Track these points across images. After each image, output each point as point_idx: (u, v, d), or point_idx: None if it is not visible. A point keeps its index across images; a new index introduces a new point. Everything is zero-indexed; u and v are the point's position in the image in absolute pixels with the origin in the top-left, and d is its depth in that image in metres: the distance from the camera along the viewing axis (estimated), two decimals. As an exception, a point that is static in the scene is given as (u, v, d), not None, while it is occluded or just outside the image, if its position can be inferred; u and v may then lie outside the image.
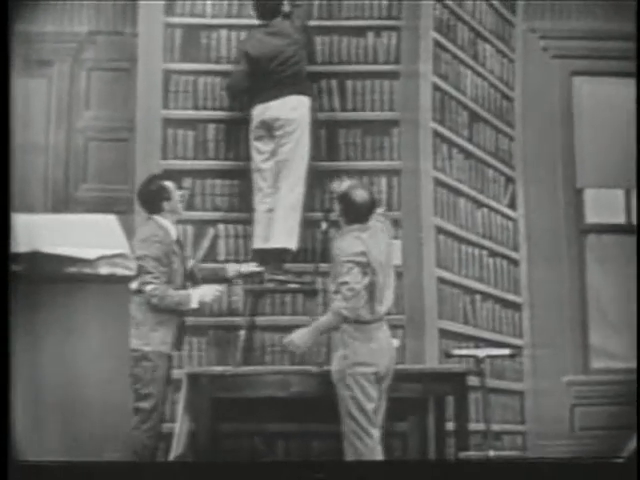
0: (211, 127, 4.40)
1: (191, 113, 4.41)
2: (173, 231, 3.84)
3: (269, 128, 4.10)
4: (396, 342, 3.63)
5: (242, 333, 4.12)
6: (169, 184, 3.87)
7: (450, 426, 3.77)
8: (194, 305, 3.70)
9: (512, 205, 4.92)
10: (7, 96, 2.80)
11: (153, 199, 3.82)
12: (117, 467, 2.49)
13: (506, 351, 3.79)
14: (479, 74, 4.82)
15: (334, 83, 4.45)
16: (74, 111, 4.68)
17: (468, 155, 4.71)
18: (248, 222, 4.27)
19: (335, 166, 4.39)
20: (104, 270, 2.73)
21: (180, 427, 3.53)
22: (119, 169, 4.49)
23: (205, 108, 4.41)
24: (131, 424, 2.99)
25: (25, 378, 2.62)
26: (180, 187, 3.95)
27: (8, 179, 2.75)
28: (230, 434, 3.92)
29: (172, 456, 3.35)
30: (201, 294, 3.72)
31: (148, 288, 3.58)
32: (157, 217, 3.81)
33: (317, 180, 4.31)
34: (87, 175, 4.58)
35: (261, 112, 4.11)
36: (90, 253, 2.72)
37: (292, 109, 4.09)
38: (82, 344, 2.67)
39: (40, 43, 4.54)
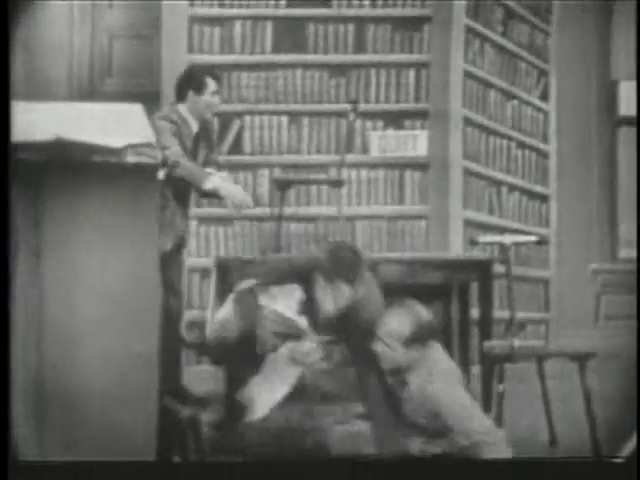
0: (237, 23, 4.35)
1: (217, 11, 4.35)
2: (194, 125, 3.60)
3: None
4: None
5: (268, 224, 4.15)
6: (207, 78, 3.57)
7: (474, 314, 3.80)
8: (207, 185, 3.37)
9: (544, 97, 4.84)
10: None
11: (181, 85, 3.59)
12: (117, 467, 2.48)
13: (533, 238, 3.73)
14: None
15: (364, -19, 4.35)
16: (97, 10, 4.64)
17: (501, 49, 4.64)
18: (274, 113, 4.30)
19: (362, 60, 4.34)
20: (131, 159, 2.71)
21: (211, 313, 3.57)
22: (144, 64, 4.47)
23: (232, 6, 4.34)
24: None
25: (56, 263, 2.65)
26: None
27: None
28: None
29: (208, 334, 3.35)
30: (221, 184, 3.38)
31: (166, 152, 3.35)
32: (180, 105, 3.60)
33: (344, 72, 4.29)
34: (112, 70, 4.57)
35: None
36: (116, 142, 2.69)
37: None
38: (108, 235, 2.68)
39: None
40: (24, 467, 2.40)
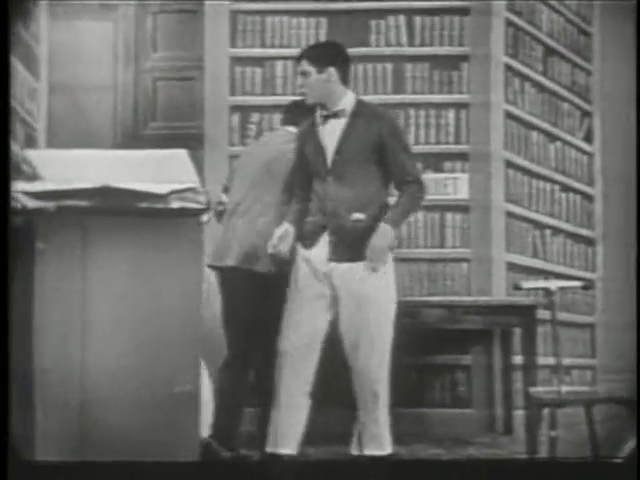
0: (279, 64, 4.40)
1: (259, 51, 4.40)
2: None
3: None
4: None
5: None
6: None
7: (517, 360, 3.75)
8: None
9: (588, 139, 4.81)
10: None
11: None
12: (118, 467, 2.46)
13: (578, 283, 3.69)
14: (555, 10, 4.68)
15: (402, 19, 4.38)
16: (141, 53, 4.73)
17: (542, 89, 4.63)
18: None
19: (401, 99, 4.35)
20: (175, 204, 2.74)
21: None
22: (187, 107, 4.54)
23: (273, 46, 4.40)
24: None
25: (100, 308, 2.68)
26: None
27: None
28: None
29: None
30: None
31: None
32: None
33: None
34: (156, 114, 4.64)
35: None
36: (161, 188, 2.73)
37: None
38: (153, 277, 2.70)
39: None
40: (25, 467, 2.40)
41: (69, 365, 2.60)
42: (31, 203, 2.62)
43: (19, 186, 2.63)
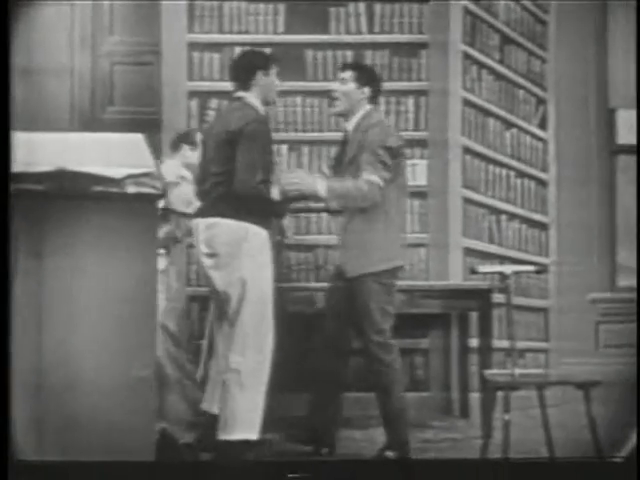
0: (237, 50, 4.38)
1: (217, 37, 4.38)
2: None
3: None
4: None
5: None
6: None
7: (473, 343, 3.81)
8: (322, 193, 3.28)
9: (542, 125, 4.89)
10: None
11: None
12: (117, 467, 2.49)
13: (532, 268, 3.77)
14: (512, -2, 4.76)
15: (362, 7, 4.40)
16: (99, 37, 4.68)
17: (498, 76, 4.70)
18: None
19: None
20: (131, 189, 2.73)
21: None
22: (145, 92, 4.50)
23: (231, 32, 4.38)
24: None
25: (55, 291, 2.66)
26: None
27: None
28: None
29: (198, 375, 3.43)
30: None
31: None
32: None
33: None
34: (113, 98, 4.60)
35: None
36: (117, 172, 2.71)
37: None
38: (108, 262, 2.69)
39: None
40: (24, 467, 2.41)
41: (25, 348, 2.58)
42: (-14, 187, 2.59)
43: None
